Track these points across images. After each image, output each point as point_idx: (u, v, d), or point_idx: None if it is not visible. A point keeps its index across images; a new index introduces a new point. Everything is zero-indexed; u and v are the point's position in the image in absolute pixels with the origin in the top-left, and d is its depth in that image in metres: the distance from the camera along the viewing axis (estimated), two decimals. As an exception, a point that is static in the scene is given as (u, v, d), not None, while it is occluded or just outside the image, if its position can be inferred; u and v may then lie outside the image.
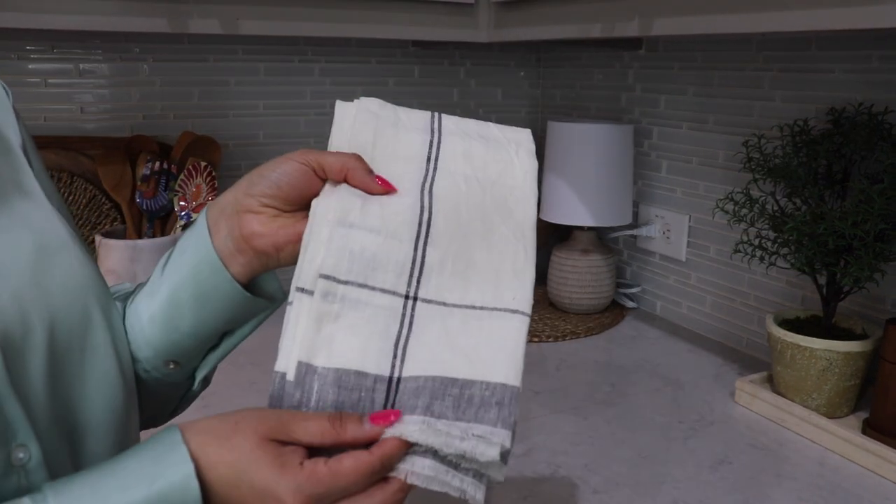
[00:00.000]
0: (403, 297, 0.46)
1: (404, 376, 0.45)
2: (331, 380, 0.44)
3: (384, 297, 0.46)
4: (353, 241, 0.46)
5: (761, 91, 1.10)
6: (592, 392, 1.02)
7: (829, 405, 0.92)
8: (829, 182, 0.94)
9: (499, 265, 0.48)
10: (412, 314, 0.46)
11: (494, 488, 0.48)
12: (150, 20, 0.97)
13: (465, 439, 0.42)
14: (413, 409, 0.43)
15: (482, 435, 0.42)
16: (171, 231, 1.22)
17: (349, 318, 0.45)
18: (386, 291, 0.46)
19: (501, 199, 0.50)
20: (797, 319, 0.99)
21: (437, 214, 0.48)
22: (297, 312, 0.46)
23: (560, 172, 1.27)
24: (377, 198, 0.49)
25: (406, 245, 0.47)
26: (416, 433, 0.42)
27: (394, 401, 0.44)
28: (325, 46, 1.39)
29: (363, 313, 0.45)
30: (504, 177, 0.51)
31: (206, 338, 0.54)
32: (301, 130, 1.41)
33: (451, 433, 0.42)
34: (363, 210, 0.48)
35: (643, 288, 1.37)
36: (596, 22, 0.95)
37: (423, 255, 0.47)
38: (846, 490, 0.79)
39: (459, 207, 0.49)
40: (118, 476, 0.39)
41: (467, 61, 1.53)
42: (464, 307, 0.47)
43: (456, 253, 0.48)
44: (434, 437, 0.42)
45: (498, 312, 0.47)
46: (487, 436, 0.42)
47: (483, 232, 0.49)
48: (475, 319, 0.46)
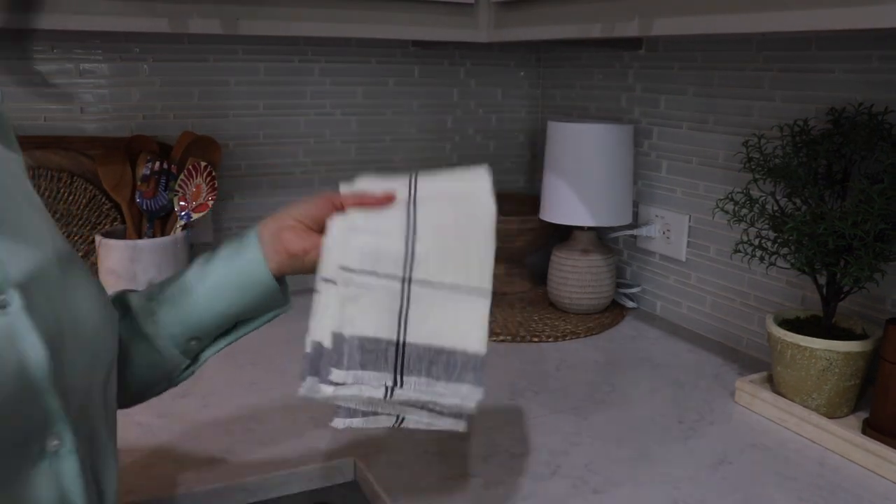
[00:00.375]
0: (401, 280, 0.61)
1: (408, 341, 0.60)
2: (356, 345, 0.60)
3: (387, 281, 0.61)
4: (360, 241, 0.62)
5: (761, 91, 1.10)
6: (592, 392, 1.02)
7: (830, 405, 0.92)
8: (829, 182, 0.94)
9: (467, 255, 0.63)
10: (409, 293, 0.61)
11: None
12: (150, 20, 0.97)
13: (453, 397, 0.60)
14: (419, 372, 0.60)
15: (466, 394, 0.60)
16: (171, 231, 1.22)
17: (365, 299, 0.60)
18: (388, 276, 0.61)
19: (468, 208, 0.65)
20: (797, 319, 0.99)
21: (420, 219, 0.64)
22: (326, 297, 0.61)
23: (560, 172, 1.27)
24: (375, 212, 0.65)
25: (400, 242, 0.62)
26: (421, 394, 0.60)
27: (402, 360, 0.60)
28: (325, 46, 1.39)
29: (374, 294, 0.61)
30: (468, 194, 0.66)
31: (227, 321, 0.67)
32: (301, 130, 1.41)
33: (444, 393, 0.60)
34: (366, 219, 0.64)
35: (643, 288, 1.37)
36: (596, 22, 0.95)
37: (413, 248, 0.61)
38: (846, 490, 0.79)
39: (436, 214, 0.65)
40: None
41: (467, 61, 1.53)
42: (445, 287, 0.62)
43: (437, 247, 0.62)
44: (432, 396, 0.60)
45: (468, 290, 0.62)
46: (469, 394, 0.60)
47: (455, 231, 0.63)
48: (453, 297, 0.61)
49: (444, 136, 1.54)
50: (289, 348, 1.16)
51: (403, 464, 0.83)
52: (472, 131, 1.57)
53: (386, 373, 0.60)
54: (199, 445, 0.87)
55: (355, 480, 0.84)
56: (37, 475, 0.46)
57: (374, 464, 0.83)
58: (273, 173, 1.40)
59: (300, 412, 0.94)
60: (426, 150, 1.53)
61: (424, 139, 1.52)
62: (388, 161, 1.50)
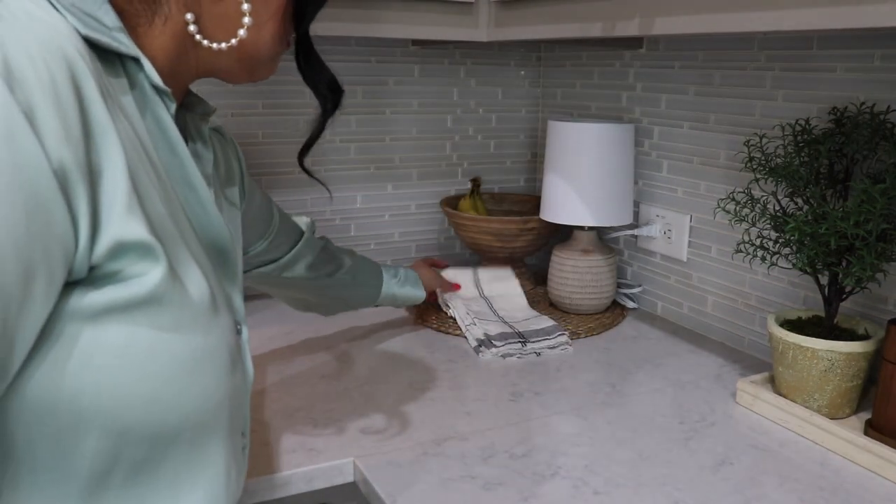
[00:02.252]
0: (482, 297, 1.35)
1: (517, 329, 1.23)
2: (495, 334, 1.20)
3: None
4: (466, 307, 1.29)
5: (763, 90, 1.10)
6: (593, 392, 1.02)
7: (831, 406, 0.91)
8: (830, 182, 0.93)
9: (507, 286, 1.38)
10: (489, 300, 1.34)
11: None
12: (149, 19, 0.97)
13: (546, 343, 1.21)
14: (530, 336, 1.21)
15: (553, 341, 1.20)
16: (170, 231, 1.21)
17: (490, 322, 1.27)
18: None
19: (504, 274, 1.40)
20: (799, 320, 0.99)
21: (483, 280, 1.39)
22: (465, 321, 1.25)
23: (560, 172, 1.27)
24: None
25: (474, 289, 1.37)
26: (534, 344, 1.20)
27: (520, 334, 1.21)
28: (324, 46, 1.38)
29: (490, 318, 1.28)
30: (505, 272, 1.41)
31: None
32: (301, 130, 1.41)
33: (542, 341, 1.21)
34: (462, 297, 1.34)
35: (644, 288, 1.37)
36: (596, 21, 0.94)
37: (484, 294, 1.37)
38: (848, 491, 0.79)
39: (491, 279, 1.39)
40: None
41: (467, 60, 1.53)
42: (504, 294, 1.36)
43: (494, 284, 1.38)
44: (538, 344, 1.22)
45: (513, 292, 1.37)
46: (554, 340, 1.21)
47: (502, 282, 1.38)
48: (509, 297, 1.36)
49: (444, 135, 1.54)
50: (287, 350, 1.15)
51: (403, 464, 0.83)
52: (472, 131, 1.57)
53: (517, 341, 1.18)
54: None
55: (355, 481, 0.84)
56: (235, 463, 0.59)
57: (374, 464, 0.83)
58: (273, 173, 1.40)
59: (300, 412, 0.94)
60: (426, 150, 1.53)
61: (424, 139, 1.52)
62: (388, 161, 1.49)
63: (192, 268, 0.51)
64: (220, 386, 0.53)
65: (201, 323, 0.51)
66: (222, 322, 0.54)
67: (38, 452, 0.46)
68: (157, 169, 0.51)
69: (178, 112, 0.61)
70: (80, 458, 0.47)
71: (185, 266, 0.50)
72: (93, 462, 0.47)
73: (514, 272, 1.40)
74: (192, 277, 0.50)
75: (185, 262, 0.50)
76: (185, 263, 0.50)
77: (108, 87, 0.47)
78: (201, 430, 0.52)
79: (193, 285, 0.50)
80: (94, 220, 0.43)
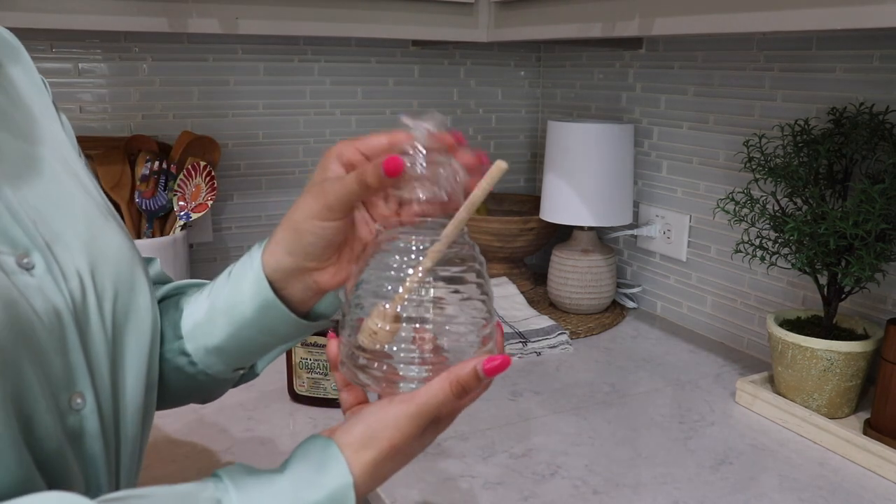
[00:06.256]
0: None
1: (517, 329, 1.18)
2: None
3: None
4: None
5: (762, 91, 1.10)
6: (593, 392, 1.02)
7: (830, 405, 0.92)
8: (830, 182, 0.93)
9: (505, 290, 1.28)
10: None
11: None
12: (149, 19, 0.97)
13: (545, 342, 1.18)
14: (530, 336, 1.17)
15: (553, 341, 1.18)
16: (170, 231, 1.22)
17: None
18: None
19: (500, 281, 1.33)
20: (798, 320, 0.99)
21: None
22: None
23: (560, 172, 1.27)
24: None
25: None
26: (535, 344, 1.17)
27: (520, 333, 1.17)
28: (324, 46, 1.39)
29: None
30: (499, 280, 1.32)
31: (270, 349, 0.62)
32: (301, 130, 1.41)
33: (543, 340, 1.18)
34: None
35: (643, 288, 1.37)
36: (596, 21, 0.95)
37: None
38: (847, 491, 0.79)
39: None
40: (287, 479, 0.45)
41: (467, 61, 1.53)
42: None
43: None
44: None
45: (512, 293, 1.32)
46: (554, 340, 1.18)
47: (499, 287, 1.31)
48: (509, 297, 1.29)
49: (444, 135, 1.54)
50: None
51: (403, 464, 0.83)
52: (472, 131, 1.57)
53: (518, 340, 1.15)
54: (198, 446, 0.86)
55: (355, 481, 0.84)
56: (68, 431, 0.47)
57: (373, 464, 0.83)
58: (273, 173, 1.40)
59: (300, 413, 0.94)
60: (426, 150, 1.53)
61: (424, 139, 1.52)
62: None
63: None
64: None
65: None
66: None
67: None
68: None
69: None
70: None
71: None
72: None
73: (508, 280, 1.38)
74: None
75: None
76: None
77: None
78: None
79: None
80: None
